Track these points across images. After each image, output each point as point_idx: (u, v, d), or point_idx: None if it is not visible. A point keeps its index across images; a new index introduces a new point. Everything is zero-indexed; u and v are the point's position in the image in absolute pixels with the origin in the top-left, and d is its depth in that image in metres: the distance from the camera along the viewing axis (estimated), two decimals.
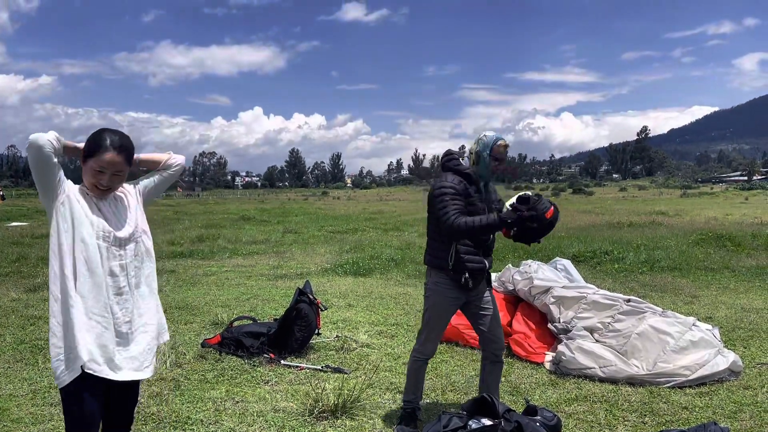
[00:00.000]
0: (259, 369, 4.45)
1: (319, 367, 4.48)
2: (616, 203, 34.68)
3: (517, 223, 3.01)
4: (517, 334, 4.92)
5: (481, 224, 3.07)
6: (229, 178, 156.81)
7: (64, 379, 2.15)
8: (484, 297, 3.43)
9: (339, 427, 3.45)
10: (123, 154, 2.22)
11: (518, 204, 3.05)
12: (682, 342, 4.28)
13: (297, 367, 4.49)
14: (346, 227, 17.99)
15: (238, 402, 3.82)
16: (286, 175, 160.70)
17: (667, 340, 4.30)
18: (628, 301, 4.75)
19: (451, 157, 3.39)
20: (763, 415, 3.58)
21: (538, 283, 5.11)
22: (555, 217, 3.05)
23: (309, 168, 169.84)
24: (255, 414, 3.61)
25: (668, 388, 4.05)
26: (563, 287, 5.03)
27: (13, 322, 5.88)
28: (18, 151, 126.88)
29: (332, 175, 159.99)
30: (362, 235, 15.73)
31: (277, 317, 5.29)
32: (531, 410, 3.19)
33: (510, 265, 5.84)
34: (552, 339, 4.86)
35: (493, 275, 4.84)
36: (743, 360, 4.46)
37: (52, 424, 3.44)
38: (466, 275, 3.25)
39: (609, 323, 4.60)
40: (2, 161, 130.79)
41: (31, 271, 9.11)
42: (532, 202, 3.02)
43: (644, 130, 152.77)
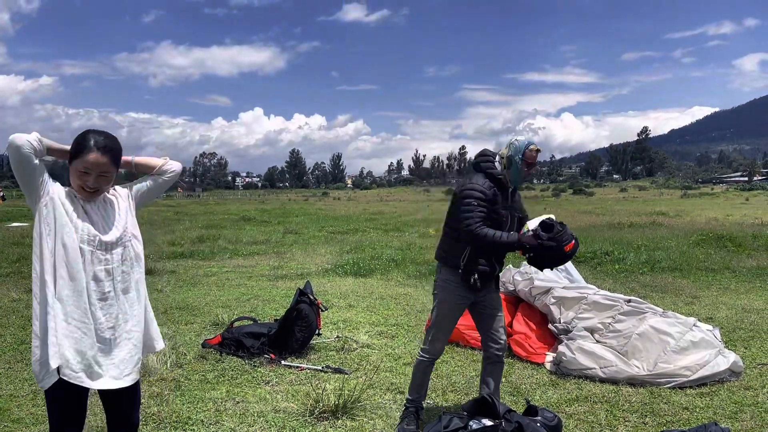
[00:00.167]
0: (259, 369, 4.45)
1: (320, 368, 4.47)
2: (617, 204, 34.69)
3: (535, 250, 2.98)
4: (518, 334, 4.92)
5: (501, 241, 3.03)
6: (230, 178, 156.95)
7: (44, 383, 2.14)
8: (492, 299, 3.43)
9: (339, 428, 3.45)
10: (108, 154, 2.17)
11: (541, 230, 3.00)
12: (683, 342, 4.28)
13: (297, 367, 4.49)
14: (346, 228, 18.00)
15: (238, 402, 3.82)
16: (287, 176, 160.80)
17: (667, 341, 4.30)
18: (629, 301, 4.75)
19: (486, 158, 3.28)
20: (763, 416, 3.58)
21: (539, 283, 5.11)
22: (573, 251, 3.00)
23: (309, 168, 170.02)
24: (255, 414, 3.61)
25: (669, 388, 4.05)
26: (564, 288, 5.03)
27: (14, 322, 5.88)
28: None
29: (333, 176, 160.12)
30: (363, 236, 15.74)
31: (278, 318, 5.29)
32: (531, 411, 3.19)
33: (510, 266, 5.83)
34: (552, 339, 4.86)
35: None
36: (744, 360, 4.46)
37: None
38: (475, 276, 3.23)
39: (609, 324, 4.59)
40: (2, 162, 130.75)
41: (32, 272, 9.09)
42: (555, 232, 2.96)
43: (645, 130, 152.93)
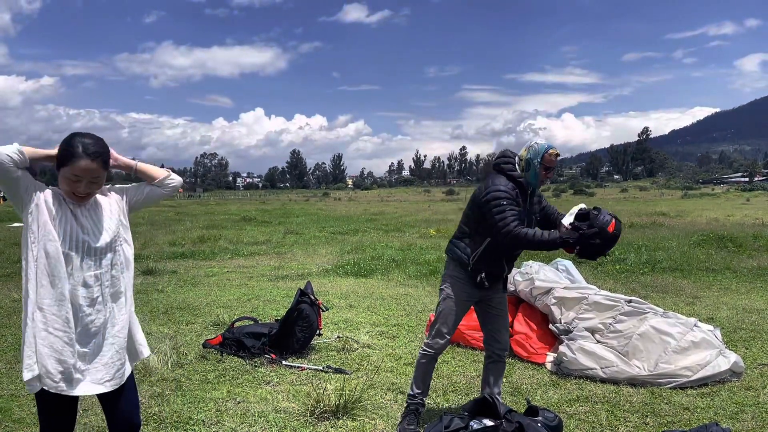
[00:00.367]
0: (260, 369, 4.46)
1: (321, 368, 4.48)
2: (618, 204, 34.68)
3: (580, 242, 2.91)
4: (519, 334, 4.92)
5: (542, 239, 2.97)
6: (231, 178, 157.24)
7: (31, 388, 2.17)
8: (498, 298, 3.43)
9: (340, 428, 3.44)
10: (98, 159, 2.11)
11: (578, 222, 2.94)
12: (684, 343, 4.27)
13: (298, 367, 4.49)
14: (347, 228, 18.01)
15: (239, 402, 3.82)
16: (287, 176, 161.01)
17: (668, 341, 4.30)
18: (630, 301, 4.75)
19: (507, 160, 3.25)
20: (764, 416, 3.58)
21: (540, 284, 5.11)
22: (618, 229, 2.93)
23: (310, 169, 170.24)
24: (256, 414, 3.61)
25: (670, 388, 4.05)
26: (564, 288, 5.03)
27: (15, 322, 5.88)
28: None
29: (333, 176, 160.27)
30: (363, 236, 15.75)
31: (279, 318, 5.29)
32: (532, 411, 3.19)
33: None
34: (553, 340, 4.86)
35: None
36: (745, 361, 4.45)
37: None
38: (483, 275, 3.23)
39: (610, 324, 4.59)
40: None
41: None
42: (591, 218, 2.91)
43: (645, 131, 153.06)
